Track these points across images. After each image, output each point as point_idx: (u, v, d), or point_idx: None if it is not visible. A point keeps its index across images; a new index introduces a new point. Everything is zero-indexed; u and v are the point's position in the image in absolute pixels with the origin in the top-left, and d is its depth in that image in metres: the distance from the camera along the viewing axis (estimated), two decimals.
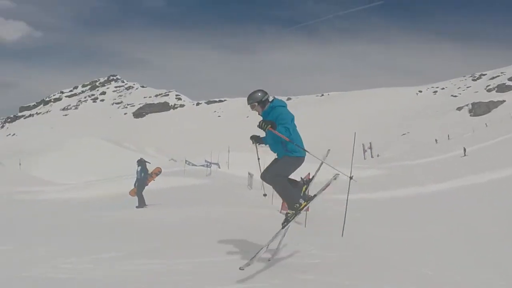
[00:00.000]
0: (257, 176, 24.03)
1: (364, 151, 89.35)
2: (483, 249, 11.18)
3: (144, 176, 19.21)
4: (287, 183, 7.10)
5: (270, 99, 7.38)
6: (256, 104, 7.26)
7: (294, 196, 7.12)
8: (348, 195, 10.78)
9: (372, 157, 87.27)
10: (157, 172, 20.28)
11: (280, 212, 14.46)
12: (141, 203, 18.59)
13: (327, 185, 7.15)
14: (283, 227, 7.24)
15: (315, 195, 7.23)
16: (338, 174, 7.17)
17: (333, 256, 8.11)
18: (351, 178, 7.52)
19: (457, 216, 16.99)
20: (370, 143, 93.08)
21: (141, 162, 19.44)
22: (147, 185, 19.38)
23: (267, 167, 7.23)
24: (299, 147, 7.00)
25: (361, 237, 10.35)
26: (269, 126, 6.64)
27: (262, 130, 6.77)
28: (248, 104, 7.33)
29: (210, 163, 37.94)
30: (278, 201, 15.44)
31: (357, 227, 10.75)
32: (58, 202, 21.86)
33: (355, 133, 13.75)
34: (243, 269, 6.44)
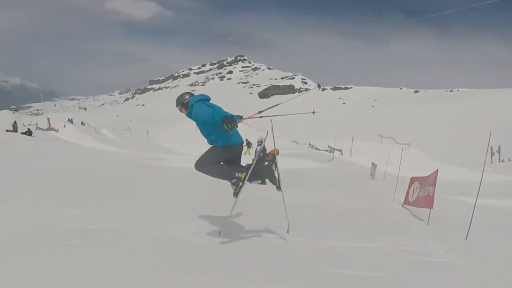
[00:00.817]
0: (380, 167, 23.73)
1: (492, 154, 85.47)
2: None
3: (262, 155, 19.85)
4: (215, 166, 7.46)
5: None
6: (180, 106, 7.64)
7: (227, 174, 7.48)
8: (476, 199, 10.42)
9: (500, 161, 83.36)
10: (275, 153, 20.75)
11: (403, 206, 14.19)
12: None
13: (260, 151, 7.41)
14: (236, 198, 7.60)
15: (252, 162, 7.56)
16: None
17: (458, 258, 7.90)
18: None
19: None
20: (498, 146, 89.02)
21: (261, 142, 20.13)
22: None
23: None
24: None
25: (484, 243, 9.98)
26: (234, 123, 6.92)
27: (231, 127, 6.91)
28: (176, 107, 7.74)
29: (333, 149, 37.78)
30: (401, 194, 15.16)
31: (479, 232, 10.36)
32: (181, 170, 22.60)
33: (490, 133, 13.19)
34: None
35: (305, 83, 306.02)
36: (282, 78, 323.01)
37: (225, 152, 7.46)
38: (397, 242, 8.65)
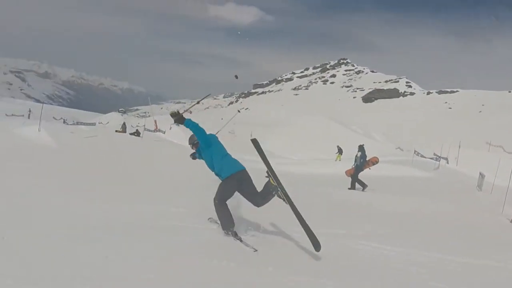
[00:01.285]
0: (488, 177, 22.89)
1: None
2: None
3: (362, 161, 20.15)
4: (224, 209, 7.85)
5: None
6: (191, 145, 8.70)
7: (226, 224, 7.85)
8: None
9: None
10: (374, 161, 21.45)
11: (511, 221, 13.62)
12: (353, 186, 19.98)
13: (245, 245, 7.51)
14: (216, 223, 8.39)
15: (239, 240, 7.70)
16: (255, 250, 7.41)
17: None
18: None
19: None
20: None
21: (362, 148, 20.76)
22: (363, 170, 20.61)
23: None
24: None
25: None
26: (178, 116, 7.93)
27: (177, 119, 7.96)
28: (188, 145, 8.79)
29: (439, 157, 36.71)
30: (510, 209, 14.58)
31: None
32: (283, 174, 22.85)
33: None
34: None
35: (410, 86, 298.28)
36: (386, 81, 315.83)
37: (230, 183, 7.94)
38: (508, 261, 8.33)
